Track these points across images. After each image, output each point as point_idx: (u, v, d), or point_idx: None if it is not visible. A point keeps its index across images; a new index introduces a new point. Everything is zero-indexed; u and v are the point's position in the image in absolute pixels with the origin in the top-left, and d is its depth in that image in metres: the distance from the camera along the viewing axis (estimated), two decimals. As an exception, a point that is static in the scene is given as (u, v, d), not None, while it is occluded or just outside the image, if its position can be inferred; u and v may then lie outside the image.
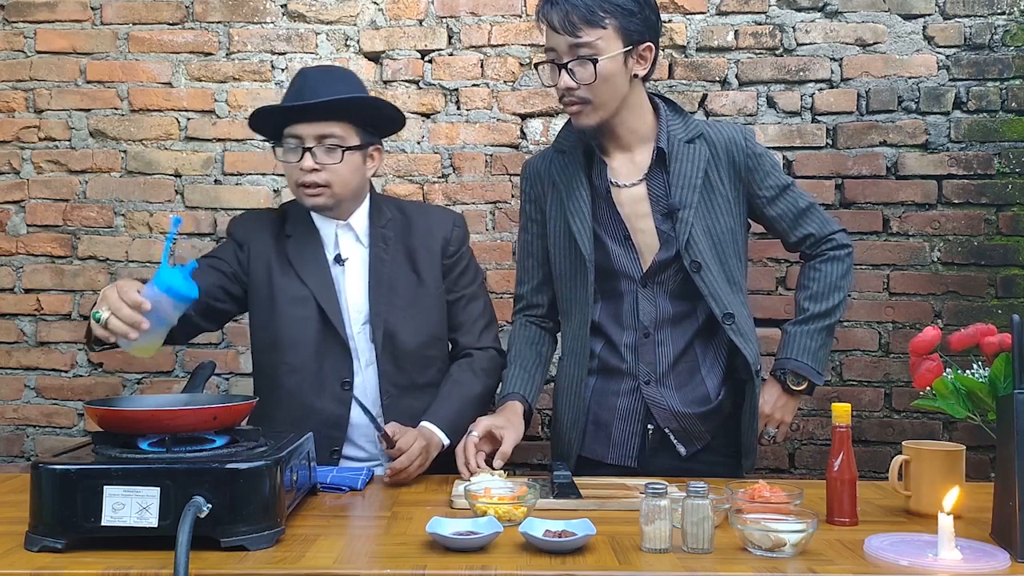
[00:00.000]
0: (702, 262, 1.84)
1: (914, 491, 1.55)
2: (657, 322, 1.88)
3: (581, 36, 1.73)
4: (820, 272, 1.94)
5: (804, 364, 1.90)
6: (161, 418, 1.40)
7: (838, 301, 1.93)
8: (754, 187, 1.91)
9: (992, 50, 2.65)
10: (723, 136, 1.89)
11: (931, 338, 1.54)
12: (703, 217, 1.85)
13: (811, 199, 1.97)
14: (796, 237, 1.96)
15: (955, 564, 1.23)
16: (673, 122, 1.89)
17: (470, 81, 2.72)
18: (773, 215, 1.94)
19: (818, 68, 2.68)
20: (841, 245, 1.95)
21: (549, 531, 1.32)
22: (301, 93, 1.88)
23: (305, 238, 1.96)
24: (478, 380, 1.95)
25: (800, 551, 1.29)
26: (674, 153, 1.85)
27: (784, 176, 1.95)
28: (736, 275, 1.89)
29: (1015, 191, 2.64)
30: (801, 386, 1.92)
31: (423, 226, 2.01)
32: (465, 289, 2.03)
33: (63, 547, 1.27)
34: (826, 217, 1.98)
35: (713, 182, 1.86)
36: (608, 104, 1.80)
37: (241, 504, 1.29)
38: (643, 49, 1.80)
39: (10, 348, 2.73)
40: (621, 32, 1.75)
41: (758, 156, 1.90)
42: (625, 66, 1.78)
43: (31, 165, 2.74)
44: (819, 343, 1.92)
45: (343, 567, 1.23)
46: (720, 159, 1.87)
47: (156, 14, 2.73)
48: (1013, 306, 2.60)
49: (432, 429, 1.84)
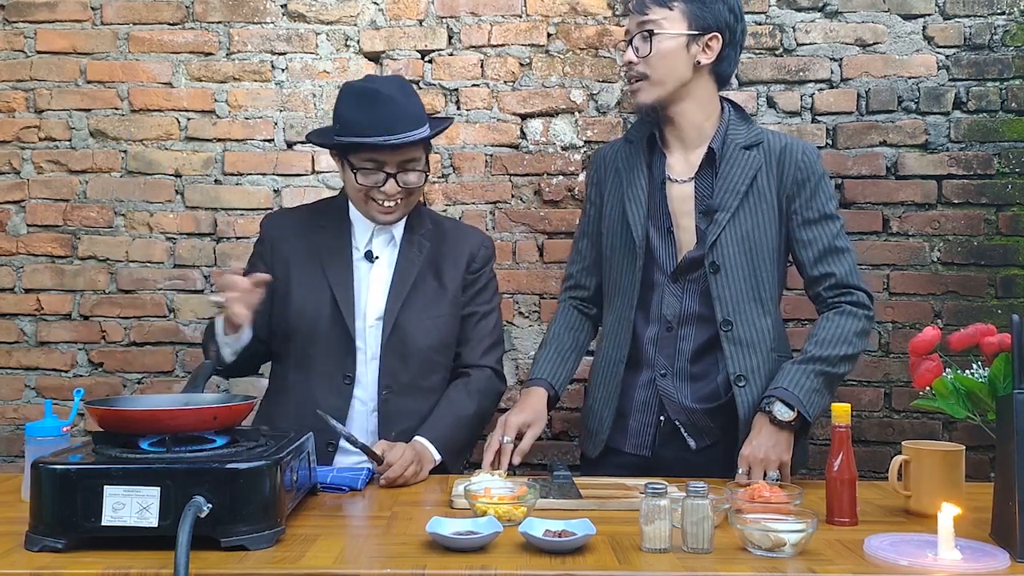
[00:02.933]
0: (722, 265, 1.85)
1: (914, 491, 1.55)
2: (680, 318, 1.89)
3: (648, 14, 1.84)
4: (831, 323, 1.82)
5: (792, 394, 1.73)
6: (161, 418, 1.40)
7: (845, 353, 1.79)
8: (796, 203, 1.86)
9: (992, 50, 2.65)
10: (782, 144, 1.88)
11: (931, 338, 1.54)
12: (742, 223, 1.85)
13: (853, 247, 1.88)
14: (817, 273, 1.86)
15: (955, 564, 1.23)
16: (736, 126, 1.90)
17: (470, 81, 2.72)
18: (804, 238, 1.86)
19: (818, 68, 2.68)
20: (862, 304, 1.83)
21: (549, 531, 1.32)
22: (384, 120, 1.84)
23: (337, 232, 1.99)
24: (472, 401, 1.96)
25: (800, 551, 1.29)
26: (726, 156, 1.87)
27: (835, 208, 1.87)
28: (764, 285, 1.86)
29: (1015, 191, 2.64)
30: (789, 416, 1.72)
31: (453, 239, 2.05)
32: (480, 306, 2.05)
33: (63, 547, 1.27)
34: (857, 271, 1.87)
35: (760, 189, 1.85)
36: (665, 82, 1.84)
37: (241, 504, 1.29)
38: (709, 38, 1.84)
39: (10, 348, 2.73)
40: (688, 16, 1.83)
41: (811, 173, 1.86)
42: (687, 50, 1.83)
43: (31, 165, 2.74)
44: (813, 385, 1.75)
45: (343, 567, 1.23)
46: (772, 166, 1.86)
47: (156, 14, 2.73)
48: (1013, 306, 2.60)
49: (425, 444, 1.85)
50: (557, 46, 2.71)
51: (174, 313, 2.72)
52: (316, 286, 1.95)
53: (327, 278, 1.94)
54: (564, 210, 2.70)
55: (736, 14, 1.87)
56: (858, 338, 1.81)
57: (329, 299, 1.93)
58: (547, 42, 2.71)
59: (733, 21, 1.86)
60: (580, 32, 2.71)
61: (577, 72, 2.71)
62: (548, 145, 2.71)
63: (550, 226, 2.70)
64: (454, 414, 1.93)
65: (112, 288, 2.73)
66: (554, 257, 2.70)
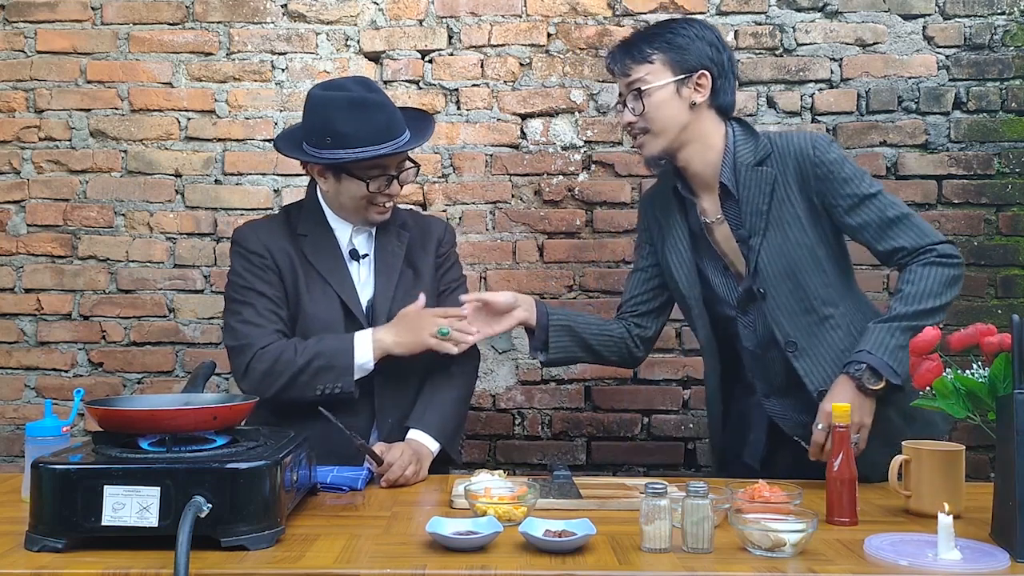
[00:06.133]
0: (767, 291, 1.85)
1: (914, 491, 1.55)
2: (761, 345, 1.91)
3: (631, 74, 1.87)
4: (916, 275, 1.76)
5: (878, 359, 1.70)
6: (161, 418, 1.40)
7: (933, 306, 1.74)
8: (829, 197, 1.83)
9: (992, 50, 2.65)
10: (791, 148, 1.85)
11: (931, 338, 1.54)
12: (775, 240, 1.84)
13: (906, 209, 1.83)
14: (885, 249, 1.82)
15: (955, 564, 1.23)
16: (742, 147, 1.88)
17: (470, 81, 2.72)
18: (855, 224, 1.83)
19: (818, 68, 2.68)
20: (946, 255, 1.77)
21: (549, 531, 1.32)
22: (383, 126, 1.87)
23: (320, 236, 2.00)
24: (457, 382, 2.01)
25: (800, 551, 1.29)
26: (741, 181, 1.86)
27: (869, 184, 1.83)
28: (816, 293, 1.84)
29: (1015, 191, 2.64)
30: (878, 385, 1.69)
31: (420, 228, 2.10)
32: (450, 283, 2.11)
33: (63, 547, 1.27)
34: (925, 228, 1.81)
35: (783, 200, 1.84)
36: (667, 131, 1.86)
37: (241, 504, 1.29)
38: (697, 78, 1.85)
39: (10, 348, 2.73)
40: (669, 63, 1.85)
41: (829, 164, 1.82)
42: (679, 95, 1.85)
43: (31, 165, 2.74)
44: (899, 341, 1.70)
45: (343, 567, 1.23)
46: (789, 174, 1.84)
47: (156, 14, 2.73)
48: (1013, 306, 2.60)
49: (420, 438, 1.89)
50: (557, 46, 2.71)
51: (174, 313, 2.72)
52: (322, 292, 1.96)
53: (330, 284, 1.96)
54: (564, 210, 2.70)
55: (717, 47, 1.87)
56: (947, 288, 1.76)
57: (338, 304, 1.96)
58: (547, 42, 2.71)
59: (716, 54, 1.87)
60: (580, 32, 2.71)
61: (577, 72, 2.71)
62: (548, 145, 2.71)
63: (550, 226, 2.70)
64: (443, 399, 1.96)
65: (112, 288, 2.73)
66: (554, 257, 2.70)
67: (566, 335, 2.00)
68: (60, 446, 1.55)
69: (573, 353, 2.04)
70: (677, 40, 1.85)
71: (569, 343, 2.01)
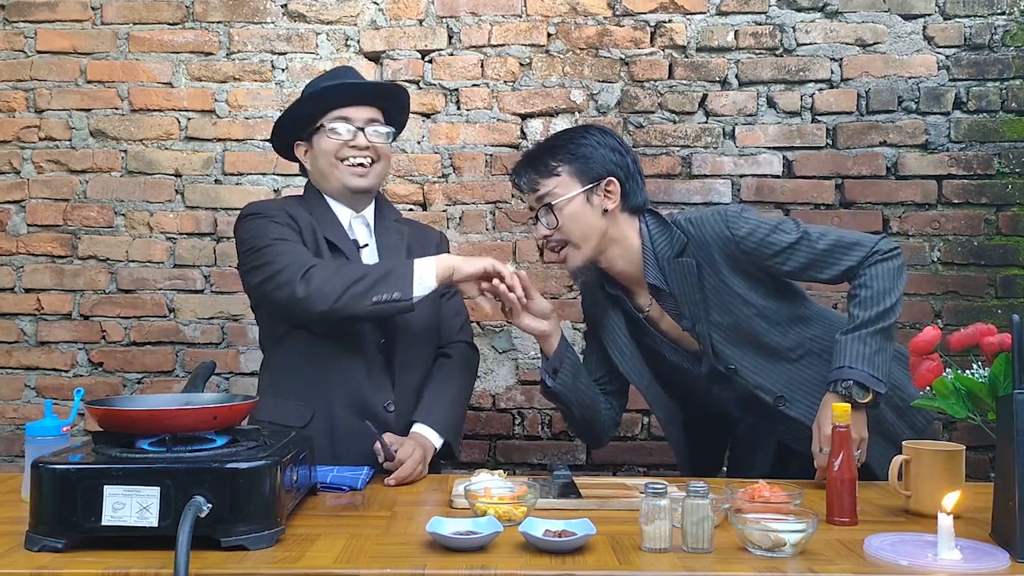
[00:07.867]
0: (735, 365, 1.87)
1: (914, 491, 1.55)
2: (743, 405, 1.93)
3: (539, 188, 1.86)
4: (867, 276, 1.80)
5: (861, 371, 1.72)
6: (161, 418, 1.40)
7: (891, 303, 1.78)
8: (763, 261, 1.84)
9: (992, 50, 2.65)
10: (707, 234, 1.84)
11: (931, 338, 1.54)
12: (724, 320, 1.85)
13: (829, 230, 1.86)
14: (833, 275, 1.84)
15: (955, 564, 1.23)
16: (659, 241, 1.88)
17: (470, 81, 2.72)
18: (795, 269, 1.84)
19: (818, 68, 2.68)
20: (886, 250, 1.81)
21: (549, 531, 1.32)
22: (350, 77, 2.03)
23: (330, 224, 2.00)
24: (459, 378, 2.04)
25: (800, 551, 1.29)
26: (668, 276, 1.87)
27: (788, 229, 1.83)
28: (782, 344, 1.87)
29: (1015, 191, 2.64)
30: (866, 398, 1.72)
31: (416, 234, 2.12)
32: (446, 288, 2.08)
33: (63, 547, 1.27)
34: (856, 239, 1.84)
35: (715, 286, 1.84)
36: (587, 240, 1.87)
37: (241, 504, 1.29)
38: (606, 184, 1.85)
39: (10, 348, 2.73)
40: (575, 174, 1.85)
41: (749, 236, 1.82)
42: (590, 203, 1.85)
43: (31, 165, 2.74)
44: (874, 347, 1.74)
45: (343, 567, 1.23)
46: (713, 259, 1.84)
47: (156, 14, 2.74)
48: (1013, 306, 2.60)
49: (425, 433, 1.90)
50: (557, 46, 2.71)
51: (174, 313, 2.72)
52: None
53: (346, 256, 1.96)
54: (564, 210, 2.70)
55: (620, 151, 1.88)
56: (896, 280, 1.80)
57: None
58: (547, 42, 2.71)
59: (620, 158, 1.87)
60: (580, 32, 2.71)
61: (577, 72, 2.71)
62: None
63: (550, 226, 2.70)
64: (447, 395, 1.99)
65: (112, 288, 2.73)
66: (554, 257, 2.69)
67: (571, 376, 1.95)
68: (60, 446, 1.55)
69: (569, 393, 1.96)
70: (580, 150, 1.85)
71: (571, 382, 1.95)
